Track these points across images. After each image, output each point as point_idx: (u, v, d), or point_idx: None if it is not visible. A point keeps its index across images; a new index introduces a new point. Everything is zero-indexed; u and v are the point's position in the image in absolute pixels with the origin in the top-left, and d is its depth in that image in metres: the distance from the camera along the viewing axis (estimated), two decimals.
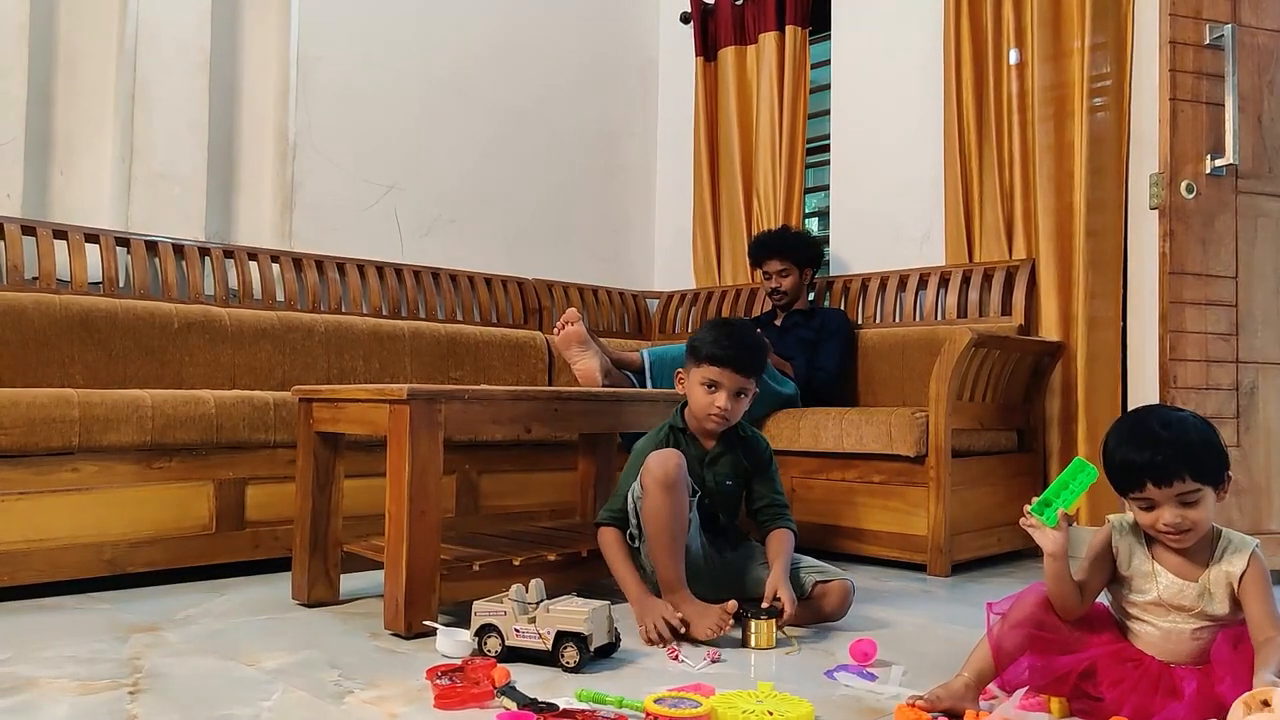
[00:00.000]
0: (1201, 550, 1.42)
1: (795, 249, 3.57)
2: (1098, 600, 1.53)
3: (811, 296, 3.74)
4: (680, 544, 2.03)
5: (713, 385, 2.11)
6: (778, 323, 3.62)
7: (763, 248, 3.61)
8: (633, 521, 2.10)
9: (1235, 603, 1.39)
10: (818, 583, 2.08)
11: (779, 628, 1.94)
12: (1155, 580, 1.42)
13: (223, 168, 3.36)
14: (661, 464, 2.02)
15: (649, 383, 2.95)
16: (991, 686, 1.51)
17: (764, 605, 1.95)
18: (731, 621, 1.92)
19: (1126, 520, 1.49)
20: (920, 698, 1.46)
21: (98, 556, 2.37)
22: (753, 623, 1.92)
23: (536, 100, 4.18)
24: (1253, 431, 2.67)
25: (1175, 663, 1.42)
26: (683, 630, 1.93)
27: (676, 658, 1.82)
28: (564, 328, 2.83)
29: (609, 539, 2.13)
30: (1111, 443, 1.43)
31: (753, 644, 1.91)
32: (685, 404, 2.20)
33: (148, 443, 2.44)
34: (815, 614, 2.07)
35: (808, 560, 2.16)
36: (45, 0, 3.00)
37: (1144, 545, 1.45)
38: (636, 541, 2.11)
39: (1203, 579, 1.40)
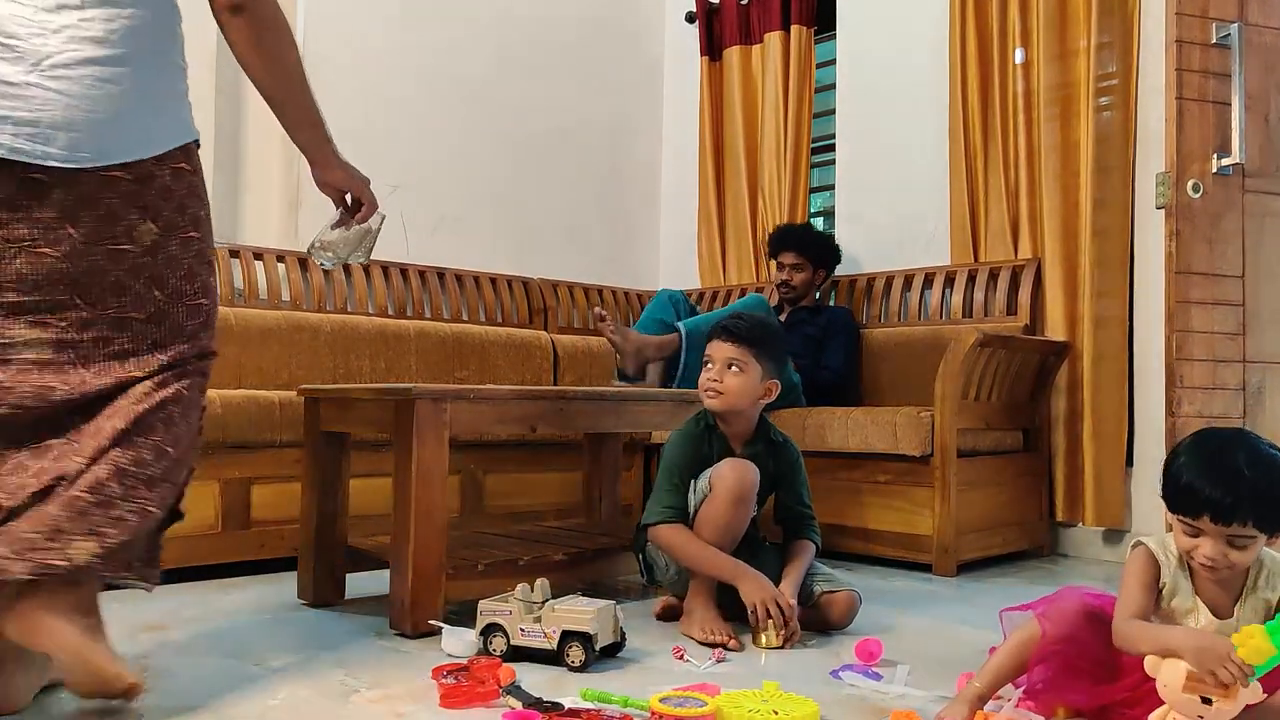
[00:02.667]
0: (1238, 576, 1.36)
1: (812, 246, 3.59)
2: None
3: (818, 296, 3.74)
4: (727, 553, 2.03)
5: (708, 361, 2.10)
6: (783, 318, 3.61)
7: (781, 239, 3.63)
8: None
9: None
10: (824, 592, 2.06)
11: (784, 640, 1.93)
12: (1196, 618, 1.36)
13: (229, 168, 3.37)
14: (739, 477, 2.00)
15: (682, 355, 3.14)
16: (1004, 690, 1.49)
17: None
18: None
19: (1171, 554, 1.39)
20: None
21: None
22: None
23: (542, 100, 4.18)
24: (1259, 431, 2.65)
25: None
26: (789, 614, 1.92)
27: (682, 657, 1.83)
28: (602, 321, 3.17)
29: (675, 534, 2.04)
30: (1184, 460, 1.33)
31: (762, 644, 1.91)
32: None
33: None
34: (819, 623, 2.06)
35: (820, 569, 2.14)
36: None
37: (1188, 579, 1.38)
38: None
39: (1238, 611, 1.35)
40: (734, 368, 2.06)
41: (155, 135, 1.48)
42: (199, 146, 1.59)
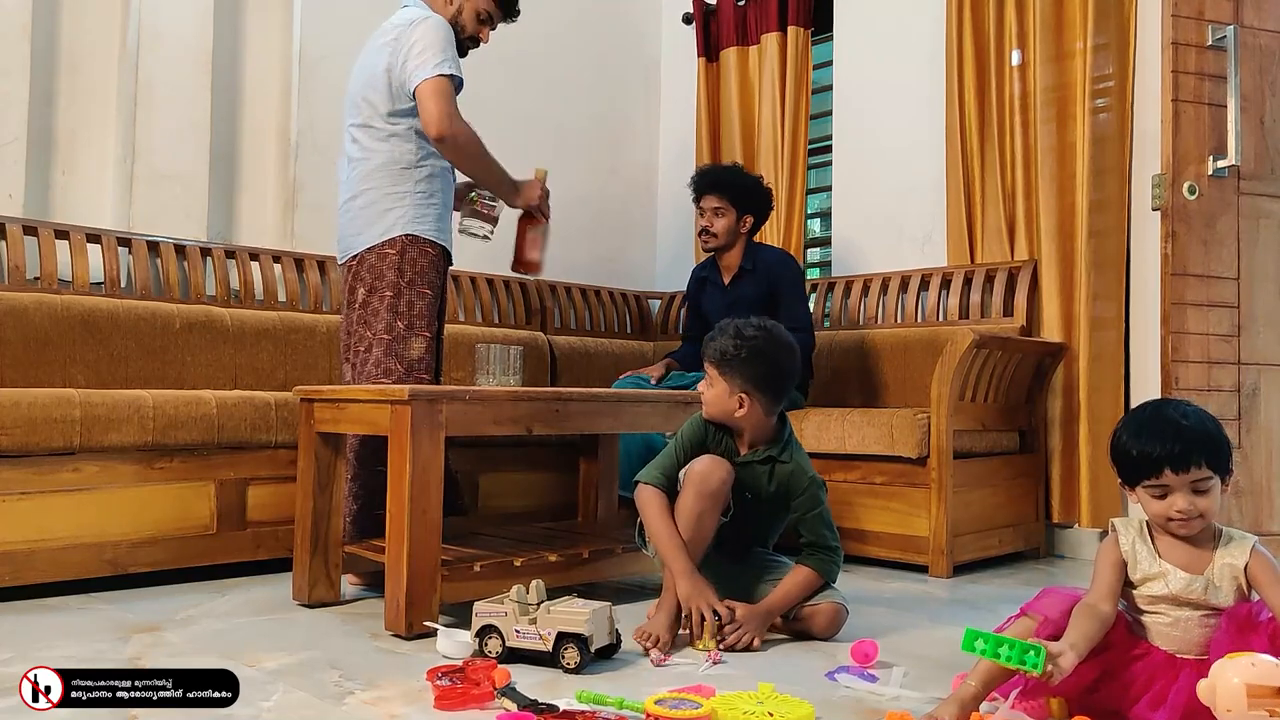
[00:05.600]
0: (1205, 543, 1.44)
1: (735, 188, 3.33)
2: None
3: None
4: (699, 551, 2.01)
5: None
6: (725, 282, 3.40)
7: (702, 178, 3.39)
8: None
9: (1239, 594, 1.41)
10: (803, 605, 2.03)
11: (714, 637, 1.91)
12: (1165, 579, 1.44)
13: (225, 168, 3.36)
14: (708, 473, 1.99)
15: None
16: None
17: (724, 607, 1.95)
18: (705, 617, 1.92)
19: (1131, 525, 1.49)
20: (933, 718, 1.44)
21: (99, 556, 2.37)
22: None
23: (539, 101, 4.18)
24: (1254, 433, 2.66)
25: (1183, 653, 1.42)
26: (727, 621, 1.92)
27: (662, 663, 1.81)
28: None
29: (652, 499, 2.04)
30: (1127, 434, 1.44)
31: (698, 647, 1.90)
32: None
33: (149, 443, 2.44)
34: (803, 635, 2.04)
35: None
36: (48, 0, 3.01)
37: (1150, 546, 1.46)
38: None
39: (1207, 572, 1.42)
40: (704, 381, 2.09)
41: (369, 237, 2.47)
42: (411, 238, 2.46)
